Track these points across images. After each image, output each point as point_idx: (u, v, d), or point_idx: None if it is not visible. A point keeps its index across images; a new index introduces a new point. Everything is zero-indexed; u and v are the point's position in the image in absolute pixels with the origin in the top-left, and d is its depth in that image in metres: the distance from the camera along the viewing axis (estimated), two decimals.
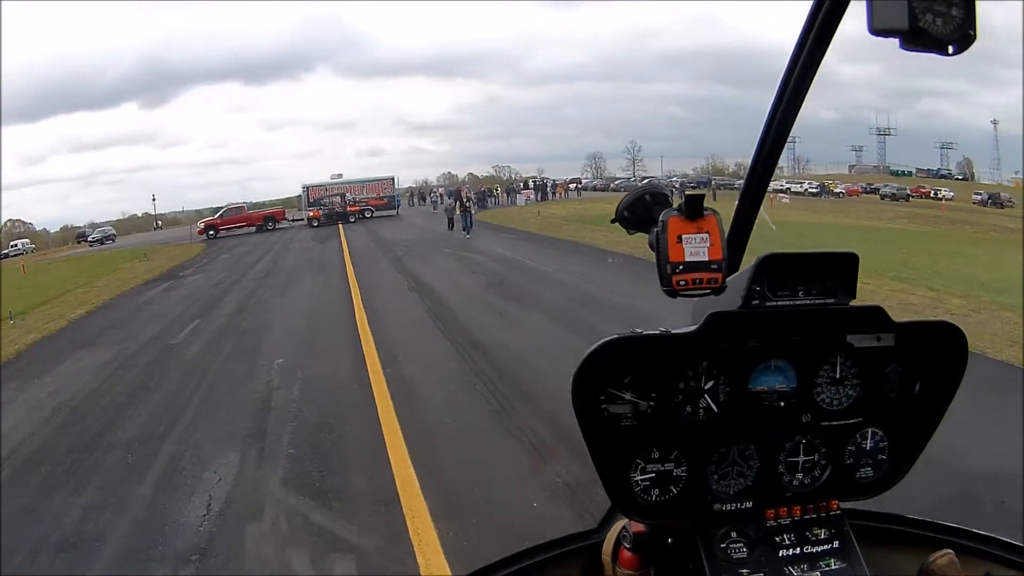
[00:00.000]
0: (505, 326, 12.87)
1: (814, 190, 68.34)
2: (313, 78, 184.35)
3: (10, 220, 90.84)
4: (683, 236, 1.36)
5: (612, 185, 74.95)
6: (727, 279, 1.39)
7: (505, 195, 65.71)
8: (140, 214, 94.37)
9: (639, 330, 1.42)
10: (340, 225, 49.72)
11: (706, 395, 1.46)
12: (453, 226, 33.36)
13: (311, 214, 54.53)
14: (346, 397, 9.43)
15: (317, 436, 7.97)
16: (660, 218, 1.38)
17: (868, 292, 13.06)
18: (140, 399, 10.19)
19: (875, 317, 1.50)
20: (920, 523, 1.65)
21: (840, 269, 1.49)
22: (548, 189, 66.66)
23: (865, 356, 1.51)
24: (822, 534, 1.51)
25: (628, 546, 1.53)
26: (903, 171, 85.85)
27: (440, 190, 75.05)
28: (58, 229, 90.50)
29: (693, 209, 1.37)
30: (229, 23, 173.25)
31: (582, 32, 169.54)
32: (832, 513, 1.54)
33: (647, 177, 77.37)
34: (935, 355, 1.53)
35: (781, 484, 1.54)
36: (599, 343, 1.38)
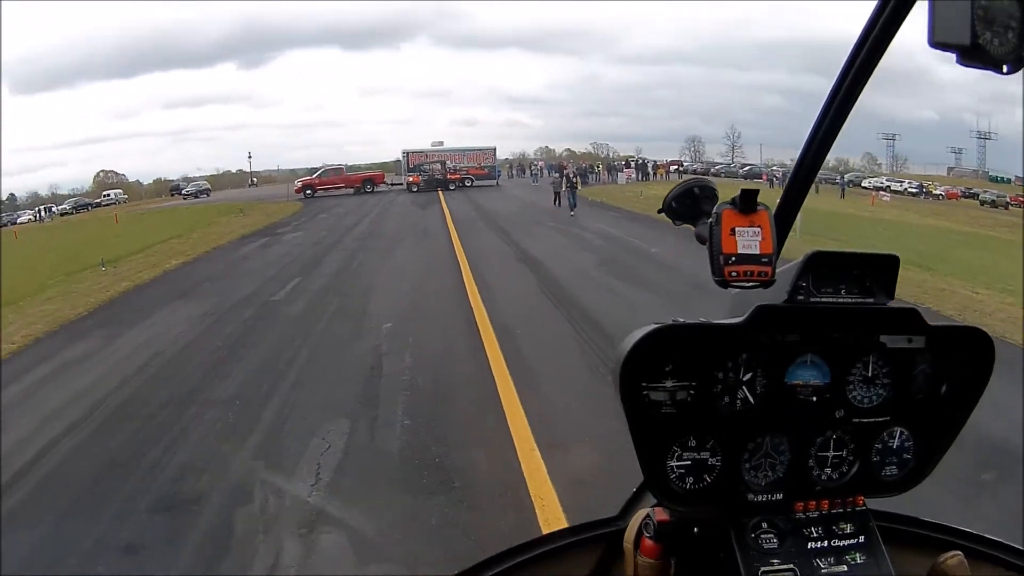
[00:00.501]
0: (620, 306, 12.33)
1: (913, 190, 67.60)
2: (411, 47, 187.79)
3: (102, 171, 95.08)
4: (736, 229, 1.43)
5: (712, 170, 75.02)
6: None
7: (606, 173, 66.73)
8: (234, 171, 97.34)
9: (680, 319, 1.46)
10: (440, 192, 50.70)
11: (744, 386, 1.51)
12: (559, 201, 33.24)
13: (411, 179, 55.86)
14: (462, 368, 9.12)
15: (434, 408, 7.63)
16: (714, 210, 1.44)
17: (978, 302, 13.50)
18: (240, 355, 10.12)
19: (910, 319, 1.56)
20: (932, 525, 1.72)
21: (882, 270, 1.55)
22: (649, 169, 66.89)
23: (896, 356, 1.57)
24: (848, 528, 1.55)
25: (650, 535, 1.57)
26: (1002, 177, 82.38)
27: (540, 163, 77.06)
28: (151, 181, 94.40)
29: (747, 203, 1.43)
30: None
31: (679, 14, 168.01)
32: (858, 509, 1.59)
33: (747, 164, 79.33)
34: (963, 359, 1.58)
35: (810, 478, 1.59)
36: (646, 331, 1.42)
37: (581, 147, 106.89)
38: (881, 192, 56.75)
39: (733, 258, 1.42)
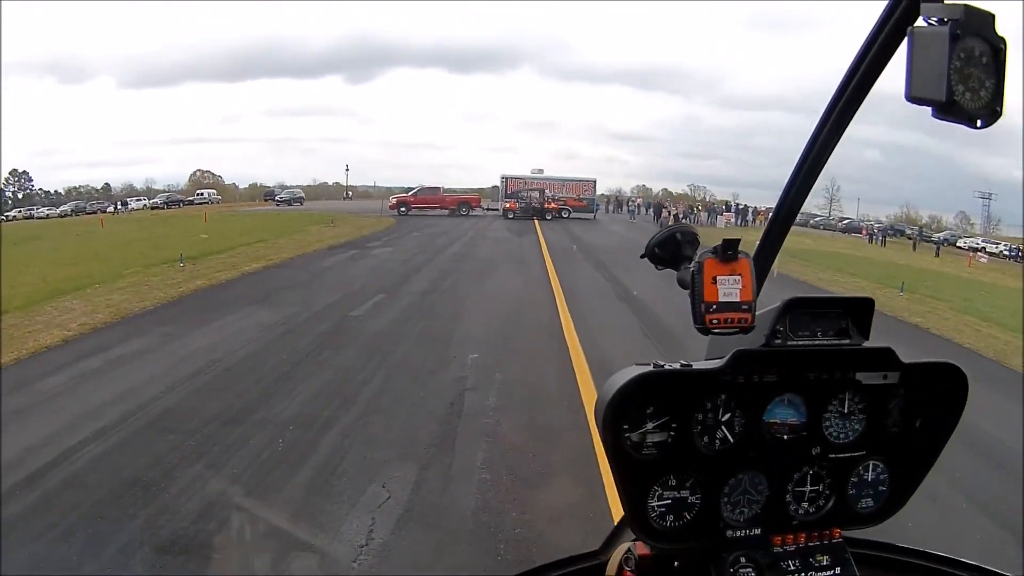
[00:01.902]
0: None
1: (1008, 252, 67.15)
2: (517, 74, 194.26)
3: (199, 170, 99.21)
4: (717, 277, 1.52)
5: (811, 222, 77.06)
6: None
7: (705, 215, 66.91)
8: (331, 183, 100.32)
9: (661, 363, 1.51)
10: (535, 221, 50.65)
11: (723, 426, 1.58)
12: None
13: (507, 205, 56.29)
14: (554, 417, 8.22)
15: (519, 462, 6.85)
16: (696, 259, 1.56)
17: None
18: (306, 373, 9.54)
19: (885, 357, 1.63)
20: (910, 551, 1.82)
21: (856, 313, 1.65)
22: (749, 215, 66.89)
23: (871, 392, 1.66)
24: (824, 561, 1.62)
25: (631, 569, 1.62)
26: None
27: (638, 200, 78.19)
28: (247, 186, 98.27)
29: (728, 252, 1.53)
30: (442, 10, 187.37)
31: (781, 61, 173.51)
32: (834, 541, 1.66)
33: (845, 218, 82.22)
34: (937, 393, 1.68)
35: (788, 513, 1.67)
36: (631, 376, 1.47)
37: (678, 188, 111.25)
38: (978, 253, 57.13)
39: (714, 306, 1.51)
